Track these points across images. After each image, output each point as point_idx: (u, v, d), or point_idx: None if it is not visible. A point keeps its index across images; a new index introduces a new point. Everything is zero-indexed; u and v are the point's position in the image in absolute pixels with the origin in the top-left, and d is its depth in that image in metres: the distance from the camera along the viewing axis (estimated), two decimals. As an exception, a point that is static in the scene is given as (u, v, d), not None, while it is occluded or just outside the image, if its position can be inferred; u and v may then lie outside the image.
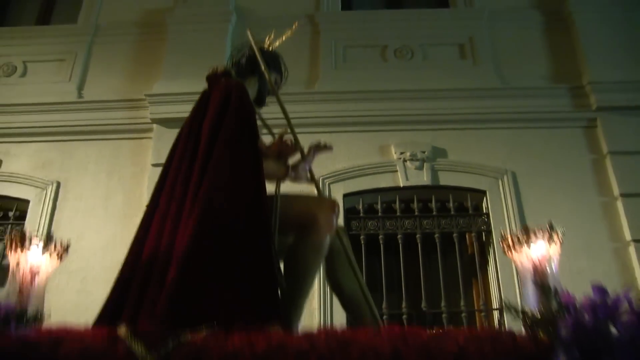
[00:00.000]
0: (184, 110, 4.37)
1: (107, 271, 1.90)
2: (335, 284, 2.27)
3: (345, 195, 4.30)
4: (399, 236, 4.20)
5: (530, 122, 4.59)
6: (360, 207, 4.32)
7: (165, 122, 4.49)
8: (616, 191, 4.30)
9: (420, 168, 4.38)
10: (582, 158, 4.51)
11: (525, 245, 1.75)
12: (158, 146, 4.45)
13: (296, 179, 2.26)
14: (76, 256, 4.16)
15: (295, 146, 2.23)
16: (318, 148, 2.30)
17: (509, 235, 1.82)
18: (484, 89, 4.64)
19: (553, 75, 4.86)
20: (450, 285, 4.12)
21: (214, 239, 1.79)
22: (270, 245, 1.91)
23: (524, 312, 1.53)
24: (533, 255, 1.73)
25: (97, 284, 3.74)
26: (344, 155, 4.41)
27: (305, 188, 2.39)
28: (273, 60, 2.49)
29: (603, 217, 4.26)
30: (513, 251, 1.79)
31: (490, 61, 4.88)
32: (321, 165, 2.53)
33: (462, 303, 3.99)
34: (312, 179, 2.36)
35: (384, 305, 3.96)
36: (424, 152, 4.41)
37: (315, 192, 2.43)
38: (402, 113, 4.55)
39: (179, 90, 4.52)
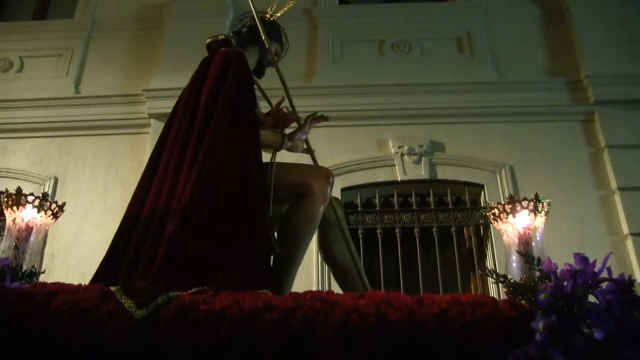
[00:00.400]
0: (182, 105, 4.46)
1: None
2: (328, 255, 2.29)
3: (343, 190, 4.30)
4: (396, 230, 4.20)
5: (528, 115, 4.60)
6: (358, 201, 4.32)
7: (163, 117, 4.42)
8: (614, 185, 4.30)
9: (418, 162, 4.38)
10: (580, 152, 4.51)
11: (511, 215, 1.78)
12: (156, 141, 4.43)
13: (292, 148, 2.28)
14: (75, 251, 4.18)
15: (293, 115, 2.25)
16: (315, 118, 2.34)
17: (495, 206, 1.84)
18: (482, 83, 4.64)
19: (551, 69, 4.86)
20: (448, 279, 4.12)
21: (210, 203, 1.82)
22: (265, 212, 1.94)
23: (504, 278, 1.55)
24: (518, 225, 1.76)
25: (96, 279, 3.74)
26: (342, 150, 4.42)
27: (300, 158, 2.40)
28: (274, 30, 2.51)
29: (601, 210, 4.27)
30: (499, 221, 1.81)
31: (487, 55, 4.88)
32: (319, 159, 2.53)
33: (460, 296, 3.99)
34: (309, 149, 2.39)
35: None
36: (421, 146, 4.42)
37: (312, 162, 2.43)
38: (400, 107, 4.55)
39: (177, 85, 4.45)
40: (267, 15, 2.56)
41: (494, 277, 1.57)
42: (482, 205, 4.34)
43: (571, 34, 4.97)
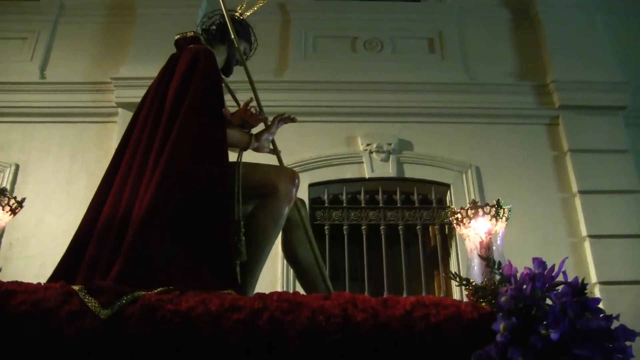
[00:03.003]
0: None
1: (65, 256, 1.88)
2: (291, 256, 2.30)
3: (310, 185, 4.31)
4: (363, 227, 4.23)
5: (495, 117, 4.68)
6: (326, 197, 4.34)
7: (131, 107, 4.33)
8: (575, 188, 4.42)
9: (386, 160, 4.42)
10: (544, 154, 4.62)
11: (473, 219, 1.82)
12: (123, 131, 4.35)
13: (258, 148, 2.28)
14: (35, 240, 4.09)
15: (261, 116, 2.24)
16: (282, 119, 2.33)
17: (459, 210, 1.88)
18: (451, 84, 4.70)
19: (519, 72, 4.95)
20: (412, 276, 4.18)
21: (174, 202, 1.80)
22: (230, 212, 1.93)
23: (467, 281, 1.60)
24: (480, 230, 1.80)
25: (57, 269, 3.67)
26: (311, 145, 4.42)
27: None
28: (243, 29, 2.50)
29: (562, 212, 4.38)
30: (462, 225, 1.86)
31: (458, 56, 4.94)
32: (287, 154, 2.53)
33: (423, 294, 4.05)
34: (275, 150, 2.38)
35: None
36: (390, 144, 4.45)
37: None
38: (370, 105, 4.57)
39: (146, 75, 4.37)
40: (237, 14, 2.54)
41: (457, 280, 1.61)
42: (448, 204, 4.41)
43: (539, 39, 5.07)
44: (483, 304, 1.49)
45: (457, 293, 4.10)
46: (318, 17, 5.15)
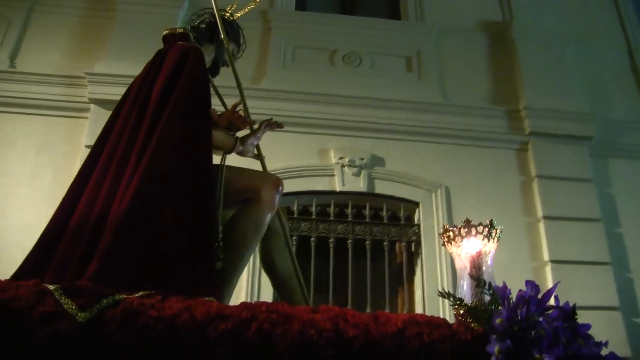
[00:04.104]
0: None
1: (27, 252, 1.81)
2: (269, 263, 2.25)
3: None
4: (330, 240, 4.23)
5: (468, 139, 4.75)
6: (295, 208, 4.33)
7: (105, 104, 4.34)
8: (540, 213, 4.51)
9: (358, 174, 4.44)
10: (512, 179, 4.70)
11: (465, 239, 1.80)
12: (94, 127, 4.28)
13: (243, 152, 2.23)
14: (-7, 234, 3.96)
15: (248, 119, 2.21)
16: (270, 124, 2.29)
17: (451, 229, 1.85)
18: (426, 103, 4.75)
19: (492, 96, 5.04)
20: (376, 291, 4.19)
21: (155, 205, 1.74)
22: (214, 217, 1.88)
23: (460, 301, 1.58)
24: (471, 249, 1.78)
25: (15, 266, 3.56)
26: (283, 155, 4.40)
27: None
28: (233, 30, 2.46)
29: (526, 236, 4.46)
30: (453, 244, 1.83)
31: (434, 76, 5.01)
32: (259, 163, 2.50)
33: (387, 310, 4.06)
34: (259, 155, 2.35)
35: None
36: (362, 159, 4.47)
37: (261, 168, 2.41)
38: (345, 118, 4.59)
39: (123, 73, 4.36)
40: (227, 14, 2.50)
41: (451, 299, 1.59)
42: (416, 222, 4.44)
43: (514, 65, 5.18)
44: (473, 324, 1.48)
45: (420, 310, 4.13)
46: (299, 27, 5.16)
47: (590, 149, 4.87)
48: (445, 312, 4.00)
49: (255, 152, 2.31)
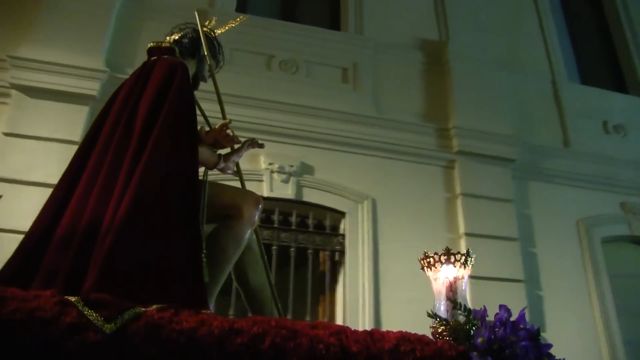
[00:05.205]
0: (53, 81, 4.17)
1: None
2: (242, 277, 2.29)
3: (206, 198, 4.21)
4: (255, 245, 4.19)
5: (397, 153, 4.84)
6: (221, 211, 4.26)
7: (28, 91, 4.17)
8: (462, 230, 4.65)
9: (286, 181, 4.43)
10: (438, 195, 4.83)
11: (444, 265, 2.02)
12: (15, 115, 4.11)
13: (224, 169, 2.26)
14: None
15: (236, 139, 2.23)
16: (252, 143, 2.35)
17: (432, 255, 2.07)
18: (359, 115, 4.82)
19: (424, 113, 5.17)
20: (298, 299, 4.19)
21: (151, 219, 1.76)
22: (200, 232, 1.92)
23: (446, 322, 1.77)
24: (449, 274, 2.00)
25: None
26: (212, 157, 4.33)
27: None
28: (212, 47, 2.51)
29: (447, 252, 4.56)
30: (432, 269, 2.04)
31: (369, 89, 5.08)
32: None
33: (307, 318, 4.07)
34: (239, 172, 2.43)
35: (230, 311, 3.94)
36: (292, 166, 4.47)
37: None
38: (277, 124, 4.58)
39: (50, 60, 4.22)
40: (206, 29, 2.53)
41: (438, 320, 1.78)
42: (342, 232, 4.47)
43: (447, 85, 5.33)
44: (448, 339, 1.67)
45: (340, 320, 4.15)
46: (237, 29, 5.03)
47: (512, 170, 5.08)
48: (365, 322, 4.04)
49: (235, 169, 2.37)
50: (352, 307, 4.17)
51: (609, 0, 7.18)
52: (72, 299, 1.37)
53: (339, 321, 4.13)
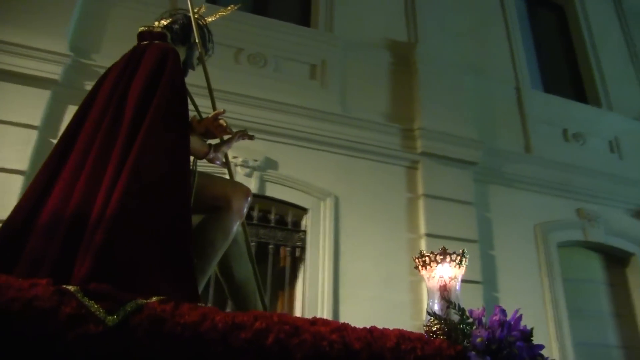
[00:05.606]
0: (13, 63, 4.03)
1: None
2: (226, 270, 2.26)
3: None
4: (215, 238, 4.15)
5: (362, 152, 4.86)
6: (182, 203, 4.20)
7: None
8: (422, 230, 4.70)
9: (250, 175, 4.40)
10: (400, 195, 4.87)
11: (440, 264, 2.04)
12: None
13: (213, 159, 2.24)
14: None
15: (229, 129, 2.19)
16: (242, 135, 2.31)
17: (427, 254, 2.08)
18: (326, 112, 4.81)
19: (390, 113, 5.20)
20: (257, 294, 4.15)
21: (144, 208, 1.73)
22: (190, 224, 1.87)
23: (445, 321, 1.79)
24: (444, 274, 2.03)
25: None
26: (176, 148, 4.27)
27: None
28: (203, 35, 2.48)
29: (407, 251, 4.62)
30: (427, 268, 2.06)
31: (336, 87, 5.09)
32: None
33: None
34: (227, 163, 2.40)
35: (209, 304, 3.89)
36: (256, 160, 4.44)
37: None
38: (242, 118, 4.50)
39: (11, 40, 4.08)
40: (197, 16, 2.49)
41: (436, 318, 1.81)
42: (303, 228, 4.47)
43: (413, 86, 5.37)
44: (441, 337, 1.72)
45: (299, 315, 4.13)
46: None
47: (474, 173, 5.16)
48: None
49: (224, 160, 2.34)
50: (312, 303, 4.17)
51: (573, 13, 7.36)
52: (71, 288, 1.33)
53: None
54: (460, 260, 2.06)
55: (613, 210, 5.81)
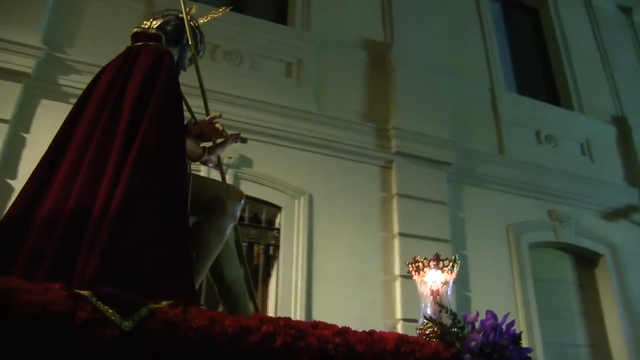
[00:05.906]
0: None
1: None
2: (217, 272, 2.26)
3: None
4: (188, 236, 4.11)
5: (336, 151, 4.87)
6: (154, 200, 4.16)
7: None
8: (396, 229, 4.72)
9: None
10: (374, 194, 4.89)
11: (432, 270, 2.12)
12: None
13: (206, 162, 2.24)
14: None
15: (224, 133, 2.21)
16: (236, 138, 2.33)
17: (421, 260, 2.15)
18: (301, 111, 4.81)
19: (365, 113, 5.22)
20: (230, 292, 4.13)
21: (147, 209, 1.74)
22: (188, 226, 1.89)
23: (440, 325, 1.87)
24: (437, 279, 2.11)
25: None
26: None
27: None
28: (195, 36, 2.50)
29: (381, 250, 4.65)
30: (420, 272, 2.13)
31: (312, 85, 5.08)
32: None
33: (238, 312, 4.02)
34: (220, 166, 2.40)
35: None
36: (230, 157, 4.41)
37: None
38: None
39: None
40: (188, 17, 2.48)
41: (432, 322, 1.90)
42: (277, 226, 4.46)
43: (389, 86, 5.39)
44: (435, 339, 1.80)
45: (272, 315, 4.12)
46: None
47: (448, 174, 5.21)
48: (297, 318, 4.03)
49: (216, 162, 2.34)
50: (285, 302, 4.17)
51: (547, 17, 7.47)
52: (85, 293, 1.34)
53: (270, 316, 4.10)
54: (452, 266, 2.14)
55: (584, 212, 5.91)
